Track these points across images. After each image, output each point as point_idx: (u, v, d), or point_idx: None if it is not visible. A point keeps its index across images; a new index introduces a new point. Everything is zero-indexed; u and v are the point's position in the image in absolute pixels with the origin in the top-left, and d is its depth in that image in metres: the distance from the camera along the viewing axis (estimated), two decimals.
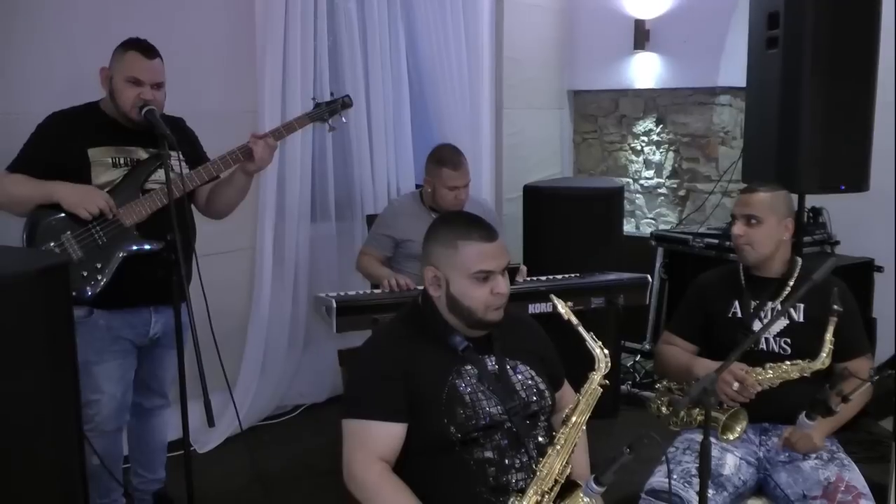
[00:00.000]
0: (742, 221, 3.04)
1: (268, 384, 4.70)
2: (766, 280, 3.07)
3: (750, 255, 3.04)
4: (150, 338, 3.33)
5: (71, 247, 3.05)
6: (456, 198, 4.08)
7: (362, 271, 4.21)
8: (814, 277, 2.57)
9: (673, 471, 2.80)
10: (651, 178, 6.14)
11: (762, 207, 3.01)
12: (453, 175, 4.07)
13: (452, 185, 4.07)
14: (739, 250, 3.07)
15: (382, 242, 4.18)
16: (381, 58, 5.02)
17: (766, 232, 3.01)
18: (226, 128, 3.75)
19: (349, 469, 2.28)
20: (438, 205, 4.12)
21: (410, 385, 2.30)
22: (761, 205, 3.02)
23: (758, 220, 3.00)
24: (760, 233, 3.00)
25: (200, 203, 3.49)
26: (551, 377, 2.53)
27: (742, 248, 3.05)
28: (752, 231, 3.01)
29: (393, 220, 4.22)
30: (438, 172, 4.08)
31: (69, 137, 3.16)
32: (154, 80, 3.17)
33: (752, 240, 3.01)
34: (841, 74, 4.05)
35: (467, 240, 2.35)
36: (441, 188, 4.09)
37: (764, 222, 3.00)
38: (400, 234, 4.14)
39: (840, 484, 2.71)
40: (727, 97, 5.70)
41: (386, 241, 4.17)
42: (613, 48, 6.05)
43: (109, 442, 3.29)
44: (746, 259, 3.06)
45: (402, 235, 4.13)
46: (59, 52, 3.75)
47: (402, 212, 4.24)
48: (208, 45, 4.31)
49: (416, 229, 3.99)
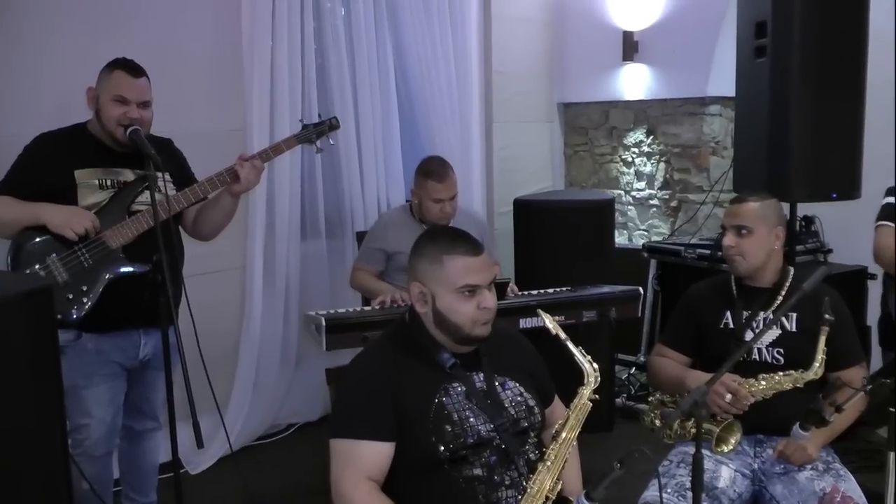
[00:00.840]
0: (733, 232, 3.02)
1: (260, 403, 4.67)
2: (758, 290, 3.06)
3: (741, 266, 3.02)
4: (139, 360, 3.31)
5: (56, 269, 3.03)
6: (441, 210, 4.06)
7: (358, 287, 4.19)
8: (804, 287, 2.56)
9: (667, 485, 2.77)
10: (642, 190, 6.13)
11: (752, 217, 3.00)
12: (438, 187, 4.05)
13: (437, 198, 4.05)
14: (731, 261, 3.05)
15: (374, 256, 4.16)
16: (369, 74, 5.01)
17: (757, 242, 2.99)
18: (214, 147, 3.75)
19: (337, 489, 2.25)
20: (425, 217, 4.11)
21: (398, 403, 2.28)
22: (751, 215, 3.00)
23: (748, 231, 2.99)
24: (751, 243, 2.99)
25: (188, 225, 3.47)
26: (541, 393, 2.51)
27: (733, 258, 3.03)
28: (743, 241, 2.99)
29: (383, 232, 4.20)
30: (424, 184, 4.07)
31: (56, 159, 3.14)
32: (140, 99, 3.16)
33: (742, 250, 2.99)
34: (830, 82, 4.04)
35: (452, 254, 2.34)
36: (426, 200, 4.08)
37: (754, 232, 2.98)
38: (391, 247, 4.12)
39: (836, 495, 2.69)
40: (717, 107, 5.69)
41: (378, 254, 4.16)
42: (602, 60, 6.04)
43: (99, 466, 3.27)
44: (738, 270, 3.05)
45: (393, 248, 4.11)
46: (47, 73, 3.75)
47: (393, 224, 4.23)
48: (196, 65, 4.30)
49: (407, 241, 3.94)
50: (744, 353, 2.72)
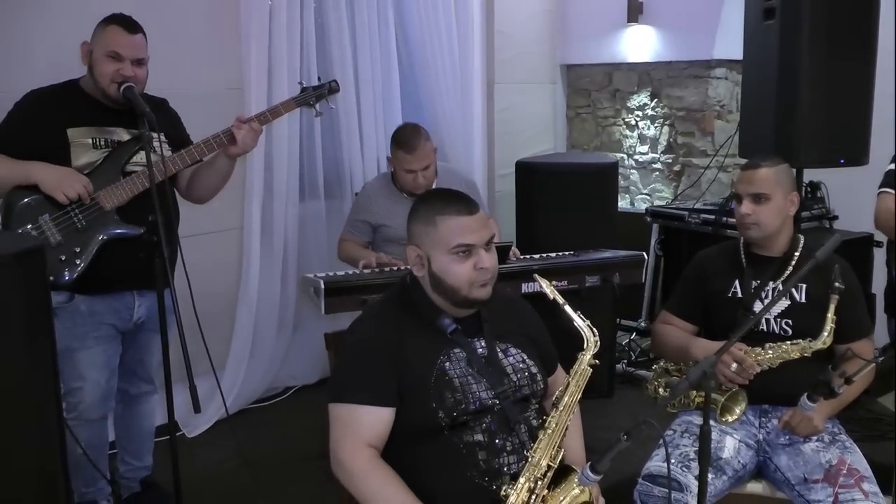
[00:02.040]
0: (749, 200, 2.94)
1: (258, 366, 4.64)
2: (768, 259, 3.00)
3: (756, 234, 2.95)
4: (134, 322, 3.27)
5: (49, 230, 2.98)
6: (414, 181, 3.93)
7: (345, 259, 4.11)
8: (817, 256, 2.50)
9: (671, 455, 2.73)
10: (646, 154, 6.06)
11: (768, 184, 2.93)
12: (408, 158, 3.91)
13: (409, 168, 3.92)
14: (745, 229, 2.97)
15: (360, 228, 4.11)
16: (369, 33, 4.93)
17: (774, 208, 2.92)
18: (211, 106, 3.71)
19: (336, 455, 2.22)
20: (401, 187, 4.04)
21: (399, 368, 2.24)
22: (767, 181, 2.93)
23: (766, 198, 2.91)
24: (768, 210, 2.92)
25: (182, 187, 3.42)
26: (544, 360, 2.47)
27: (749, 227, 2.95)
28: (760, 209, 2.92)
29: (367, 203, 4.13)
30: (396, 154, 3.97)
31: (48, 117, 3.08)
32: (135, 56, 3.09)
33: (759, 218, 2.92)
34: (840, 46, 3.95)
35: (444, 214, 2.29)
36: (399, 170, 3.99)
37: (772, 199, 2.91)
38: (375, 219, 4.06)
39: (842, 467, 2.65)
40: (723, 70, 5.60)
41: (363, 226, 4.10)
42: (606, 21, 5.95)
43: (94, 430, 3.24)
44: (753, 237, 2.98)
45: (378, 220, 4.05)
46: (40, 28, 3.68)
47: (375, 195, 4.14)
48: (192, 22, 4.23)
49: (391, 212, 3.95)
50: (753, 324, 2.67)
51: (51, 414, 2.36)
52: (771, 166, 2.95)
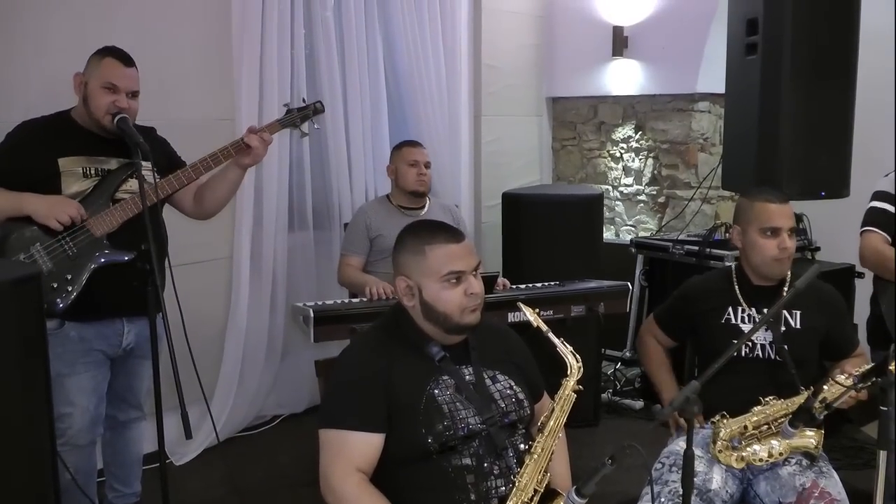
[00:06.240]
0: (788, 234, 2.96)
1: (245, 394, 4.65)
2: (763, 288, 3.03)
3: (786, 268, 2.99)
4: (123, 348, 3.28)
5: (41, 258, 3.00)
6: (419, 174, 4.21)
7: (345, 283, 4.18)
8: (797, 284, 2.56)
9: (660, 493, 2.71)
10: (630, 185, 6.13)
11: (794, 217, 3.00)
12: (413, 151, 4.26)
13: (413, 160, 4.21)
14: (781, 265, 2.98)
15: (357, 242, 4.22)
16: (358, 65, 4.99)
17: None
18: (202, 136, 3.72)
19: (326, 480, 2.24)
20: (402, 188, 4.24)
21: (389, 394, 2.27)
22: (793, 214, 3.00)
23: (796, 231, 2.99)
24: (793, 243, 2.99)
25: (187, 206, 3.45)
26: (531, 387, 2.50)
27: (785, 262, 2.98)
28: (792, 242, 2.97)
29: (363, 216, 4.27)
30: (400, 152, 4.28)
31: (39, 147, 3.11)
32: (130, 89, 3.14)
33: (792, 252, 2.97)
34: (820, 80, 4.04)
35: (433, 243, 2.34)
36: (403, 166, 4.24)
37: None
38: (372, 228, 4.20)
39: (814, 490, 2.67)
40: (706, 104, 5.68)
41: (361, 239, 4.21)
42: (592, 55, 6.04)
43: (83, 456, 3.24)
44: (783, 272, 3.01)
45: (375, 229, 4.19)
46: (34, 59, 3.71)
47: (372, 210, 4.32)
48: (185, 53, 4.27)
49: (387, 223, 4.13)
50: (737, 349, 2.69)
51: (44, 438, 2.38)
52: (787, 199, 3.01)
